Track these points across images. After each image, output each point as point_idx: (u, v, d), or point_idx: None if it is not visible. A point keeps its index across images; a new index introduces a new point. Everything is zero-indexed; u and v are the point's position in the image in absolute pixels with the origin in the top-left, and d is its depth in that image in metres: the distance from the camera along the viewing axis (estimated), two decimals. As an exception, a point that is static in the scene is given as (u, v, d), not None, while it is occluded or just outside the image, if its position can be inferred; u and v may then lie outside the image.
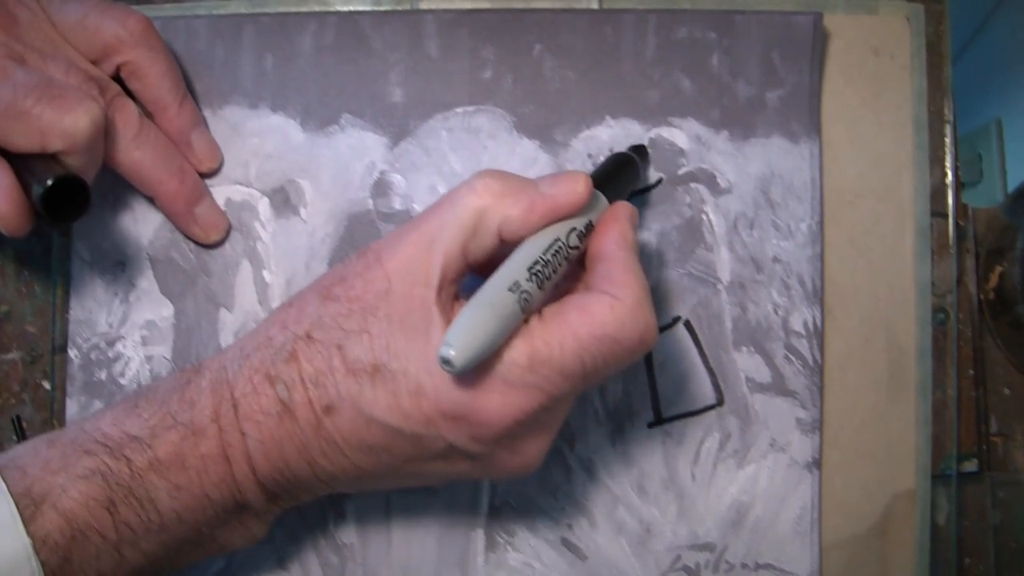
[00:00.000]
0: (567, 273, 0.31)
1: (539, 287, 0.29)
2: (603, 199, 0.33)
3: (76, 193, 0.34)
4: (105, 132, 0.35)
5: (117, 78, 0.39)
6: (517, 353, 0.28)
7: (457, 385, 0.29)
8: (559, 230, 0.30)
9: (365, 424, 0.30)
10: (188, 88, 0.41)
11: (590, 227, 0.32)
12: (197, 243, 0.42)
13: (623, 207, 0.33)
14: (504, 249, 0.30)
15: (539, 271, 0.29)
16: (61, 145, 0.33)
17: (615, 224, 0.32)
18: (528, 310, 0.29)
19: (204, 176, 0.42)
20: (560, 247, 0.30)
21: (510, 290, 0.28)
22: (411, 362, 0.29)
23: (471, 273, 0.31)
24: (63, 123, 0.33)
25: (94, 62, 0.38)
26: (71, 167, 0.34)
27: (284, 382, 0.30)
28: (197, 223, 0.41)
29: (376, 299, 0.30)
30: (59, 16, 0.37)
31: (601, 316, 0.29)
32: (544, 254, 0.29)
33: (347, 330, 0.30)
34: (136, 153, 0.38)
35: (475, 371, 0.28)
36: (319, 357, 0.30)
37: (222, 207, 0.42)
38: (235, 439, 0.31)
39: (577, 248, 0.31)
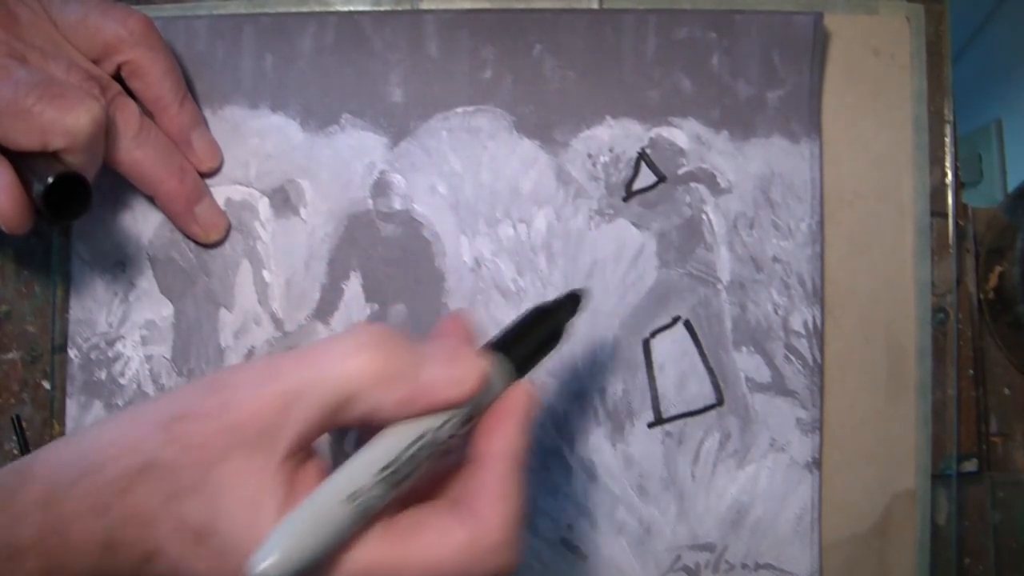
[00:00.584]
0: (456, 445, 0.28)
1: (387, 491, 0.25)
2: (499, 374, 0.28)
3: (77, 191, 0.34)
4: (106, 131, 0.36)
5: (118, 78, 0.39)
6: (351, 563, 0.26)
7: None
8: (432, 420, 0.26)
9: None
10: (188, 88, 0.41)
11: (476, 411, 0.28)
12: (197, 243, 0.42)
13: (518, 398, 0.29)
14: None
15: (391, 475, 0.25)
16: (62, 143, 0.33)
17: (502, 426, 0.28)
18: (372, 514, 0.26)
19: (204, 176, 0.42)
20: (428, 442, 0.26)
21: (347, 500, 0.24)
22: (238, 532, 0.26)
23: None
24: (64, 121, 0.33)
25: (95, 61, 0.38)
26: (72, 165, 0.34)
27: (112, 516, 0.27)
28: (197, 222, 0.41)
29: (216, 456, 0.26)
30: (60, 15, 0.37)
31: (456, 549, 0.26)
32: (404, 452, 0.26)
33: (182, 483, 0.27)
34: (136, 152, 0.38)
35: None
36: (150, 501, 0.27)
37: (222, 207, 0.42)
38: (56, 563, 0.28)
39: (454, 436, 0.27)
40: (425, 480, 0.29)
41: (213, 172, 0.42)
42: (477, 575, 0.26)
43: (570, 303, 0.33)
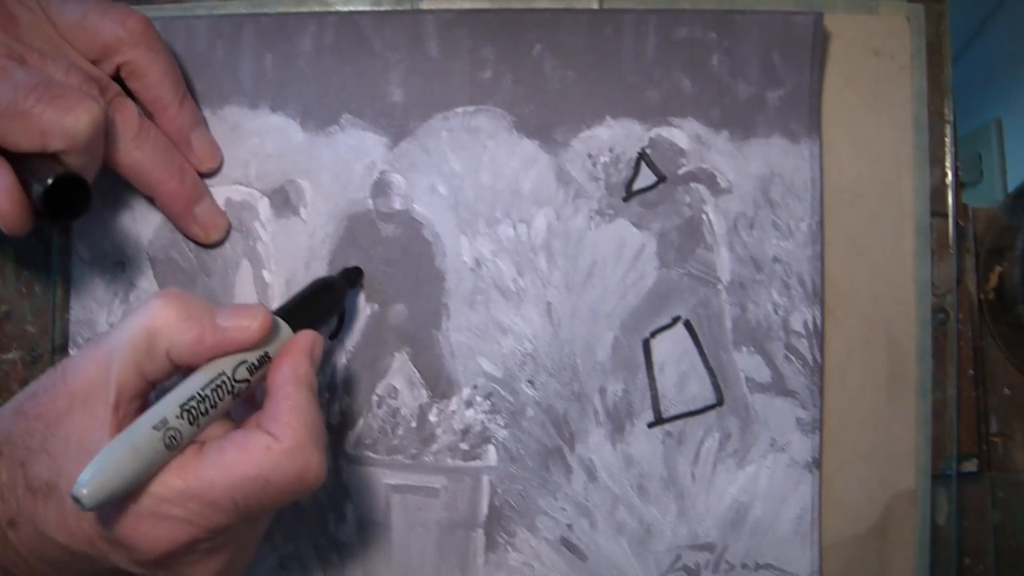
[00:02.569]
0: (250, 400, 0.33)
1: (191, 423, 0.29)
2: (286, 329, 0.33)
3: (76, 192, 0.34)
4: (105, 132, 0.35)
5: (117, 78, 0.39)
6: (166, 488, 0.28)
7: (106, 515, 0.29)
8: (225, 364, 0.30)
9: (41, 540, 0.30)
10: (188, 88, 0.41)
11: (266, 359, 0.32)
12: (197, 243, 0.42)
13: (304, 338, 0.33)
14: (189, 370, 0.31)
15: (192, 407, 0.29)
16: (61, 145, 0.33)
17: (290, 358, 0.32)
18: (177, 446, 0.29)
19: (204, 176, 0.42)
20: (224, 381, 0.30)
21: (155, 428, 0.28)
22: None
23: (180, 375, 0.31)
24: (63, 123, 0.33)
25: (94, 62, 0.38)
26: (71, 166, 0.34)
27: None
28: (197, 223, 0.41)
29: (58, 417, 0.30)
30: (59, 16, 0.37)
31: (255, 456, 0.29)
32: (203, 390, 0.29)
33: (30, 448, 0.30)
34: (136, 153, 0.38)
35: (123, 502, 0.28)
36: (5, 472, 0.30)
37: (222, 207, 0.42)
38: None
39: (247, 381, 0.31)
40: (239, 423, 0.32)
41: (213, 172, 0.42)
42: (279, 479, 0.29)
43: (350, 277, 0.40)
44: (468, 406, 0.41)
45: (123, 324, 0.30)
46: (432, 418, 0.41)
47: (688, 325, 0.41)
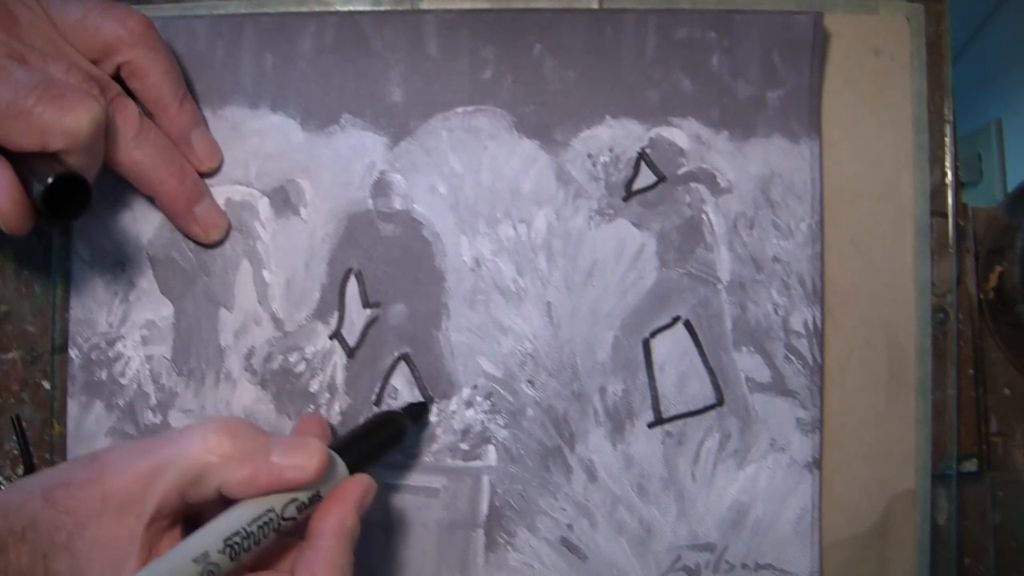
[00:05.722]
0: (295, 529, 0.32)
1: (231, 559, 0.28)
2: (340, 466, 0.32)
3: (77, 192, 0.34)
4: (105, 132, 0.36)
5: (117, 78, 0.39)
6: None
7: None
8: (276, 501, 0.30)
9: None
10: (188, 88, 0.41)
11: (317, 499, 0.31)
12: (197, 243, 0.42)
13: (357, 485, 0.32)
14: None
15: (236, 543, 0.28)
16: (62, 144, 0.33)
17: (338, 508, 0.31)
18: None
19: (204, 176, 0.42)
20: (272, 518, 0.30)
21: (195, 561, 0.27)
22: None
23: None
24: (64, 122, 0.33)
25: (94, 62, 0.38)
26: (72, 166, 0.34)
27: None
28: (197, 223, 0.41)
29: (88, 517, 0.30)
30: (59, 16, 0.37)
31: None
32: (249, 526, 0.29)
33: (55, 542, 0.30)
34: (136, 153, 0.38)
35: None
36: (26, 557, 0.30)
37: (222, 207, 0.42)
38: None
39: (294, 519, 0.30)
40: (271, 557, 0.32)
41: (213, 172, 0.42)
42: None
43: (413, 412, 0.39)
44: (468, 406, 0.41)
45: (175, 442, 0.30)
46: (432, 418, 0.41)
47: (688, 325, 0.41)
